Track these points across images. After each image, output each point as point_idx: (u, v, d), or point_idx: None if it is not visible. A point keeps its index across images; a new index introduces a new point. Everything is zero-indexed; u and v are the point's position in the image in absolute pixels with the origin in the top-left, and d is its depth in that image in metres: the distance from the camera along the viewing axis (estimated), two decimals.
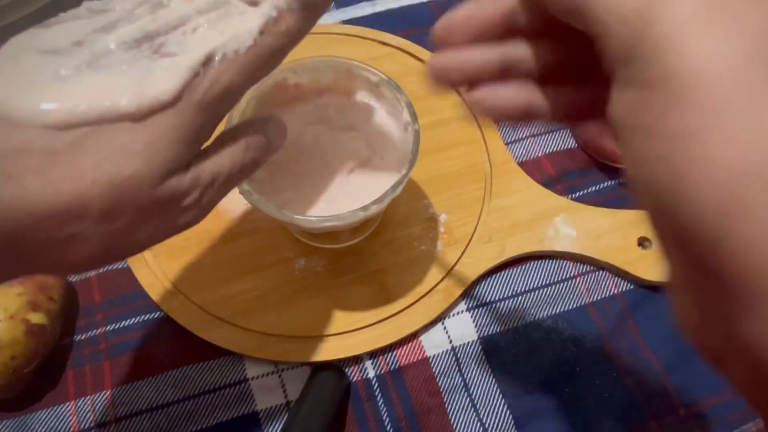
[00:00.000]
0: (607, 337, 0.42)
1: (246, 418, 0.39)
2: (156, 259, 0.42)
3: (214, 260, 0.42)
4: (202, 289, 0.41)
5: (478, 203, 0.45)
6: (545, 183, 0.47)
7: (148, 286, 0.41)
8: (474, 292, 0.43)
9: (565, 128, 0.49)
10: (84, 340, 0.41)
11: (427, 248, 0.43)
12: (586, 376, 0.40)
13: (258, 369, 0.40)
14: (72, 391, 0.39)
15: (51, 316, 0.38)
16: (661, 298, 0.43)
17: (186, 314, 0.41)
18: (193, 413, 0.39)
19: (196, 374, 0.40)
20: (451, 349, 0.41)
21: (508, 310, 0.43)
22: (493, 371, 0.41)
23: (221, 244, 0.43)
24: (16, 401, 0.38)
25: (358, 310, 0.41)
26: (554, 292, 0.43)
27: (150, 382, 0.39)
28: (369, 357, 0.41)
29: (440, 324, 0.42)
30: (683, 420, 0.39)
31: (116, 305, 0.42)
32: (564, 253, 0.44)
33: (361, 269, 0.43)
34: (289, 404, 0.39)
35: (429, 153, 0.47)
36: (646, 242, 0.44)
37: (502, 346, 0.41)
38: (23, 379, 0.37)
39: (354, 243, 0.43)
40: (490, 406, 0.40)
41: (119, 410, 0.39)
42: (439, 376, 0.40)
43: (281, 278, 0.42)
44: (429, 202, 0.45)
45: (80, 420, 0.38)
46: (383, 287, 0.42)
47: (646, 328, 0.42)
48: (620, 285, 0.44)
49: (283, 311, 0.41)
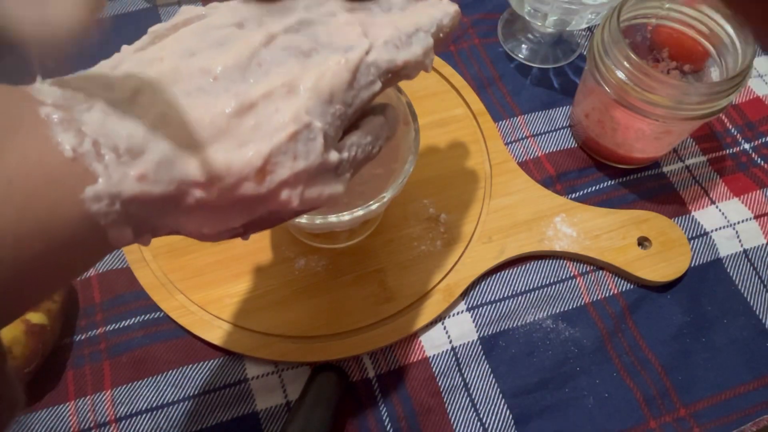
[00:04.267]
0: (607, 337, 0.42)
1: (246, 418, 0.39)
2: (156, 259, 0.42)
3: (215, 260, 0.42)
4: (202, 289, 0.41)
5: (478, 203, 0.45)
6: (545, 183, 0.47)
7: (148, 286, 0.41)
8: (474, 292, 0.43)
9: None
10: (84, 340, 0.41)
11: (427, 248, 0.43)
12: (586, 376, 0.41)
13: (258, 369, 0.40)
14: (72, 391, 0.39)
15: (51, 316, 0.38)
16: (661, 298, 0.43)
17: (186, 314, 0.41)
18: (193, 413, 0.39)
19: (196, 374, 0.40)
20: (451, 349, 0.41)
21: (508, 310, 0.43)
22: (493, 371, 0.41)
23: (221, 244, 0.43)
24: None
25: (358, 310, 0.41)
26: (554, 292, 0.43)
27: (150, 382, 0.40)
28: (369, 357, 0.41)
29: (440, 324, 0.42)
30: (683, 420, 0.39)
31: (116, 305, 0.42)
32: (564, 253, 0.44)
33: (361, 269, 0.43)
34: (289, 404, 0.39)
35: (429, 153, 0.47)
36: (646, 242, 0.44)
37: (502, 346, 0.41)
38: (23, 379, 0.37)
39: (354, 243, 0.43)
40: (490, 406, 0.40)
41: (119, 410, 0.39)
42: (439, 376, 0.40)
43: (281, 278, 0.42)
44: (429, 202, 0.45)
45: (80, 420, 0.38)
46: (383, 287, 0.42)
47: (646, 328, 0.42)
48: (620, 285, 0.44)
49: (283, 311, 0.41)
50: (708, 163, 0.49)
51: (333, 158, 0.23)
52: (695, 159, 0.49)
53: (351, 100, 0.24)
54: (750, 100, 0.52)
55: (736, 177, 0.48)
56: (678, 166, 0.49)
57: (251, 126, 0.21)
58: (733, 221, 0.46)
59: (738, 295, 0.44)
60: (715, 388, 0.40)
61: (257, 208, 0.23)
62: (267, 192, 0.22)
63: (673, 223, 0.45)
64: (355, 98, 0.24)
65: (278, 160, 0.22)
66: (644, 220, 0.45)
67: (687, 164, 0.49)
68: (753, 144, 0.50)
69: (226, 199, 0.21)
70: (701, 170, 0.48)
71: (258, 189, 0.22)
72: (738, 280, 0.44)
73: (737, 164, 0.49)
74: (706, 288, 0.44)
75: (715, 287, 0.44)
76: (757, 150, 0.50)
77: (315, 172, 0.23)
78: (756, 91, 0.53)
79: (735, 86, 0.38)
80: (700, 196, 0.47)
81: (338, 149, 0.24)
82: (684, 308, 0.43)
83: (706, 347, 0.42)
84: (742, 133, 0.51)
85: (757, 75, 0.54)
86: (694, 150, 0.49)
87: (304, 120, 0.22)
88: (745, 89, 0.53)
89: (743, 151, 0.50)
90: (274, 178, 0.22)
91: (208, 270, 0.42)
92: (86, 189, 0.19)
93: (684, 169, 0.48)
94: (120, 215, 0.20)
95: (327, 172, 0.24)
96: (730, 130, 0.51)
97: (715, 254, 0.45)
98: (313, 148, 0.22)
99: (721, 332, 0.42)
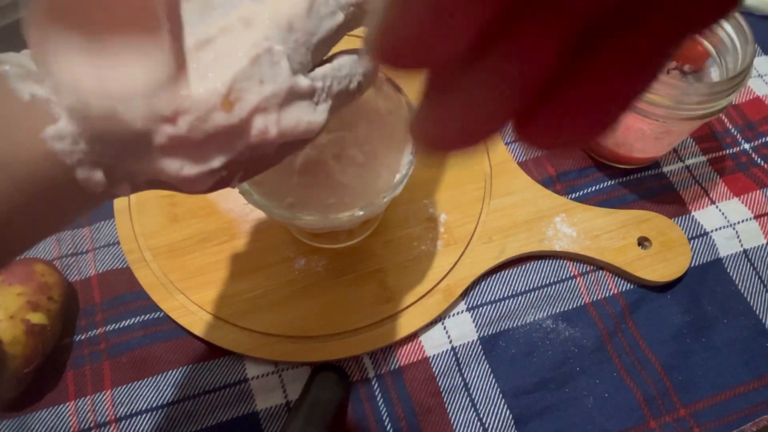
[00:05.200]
0: (607, 337, 0.42)
1: (246, 418, 0.39)
2: (156, 259, 0.42)
3: (214, 260, 0.42)
4: (202, 289, 0.41)
5: (478, 203, 0.45)
6: (545, 183, 0.47)
7: (148, 286, 0.41)
8: (474, 292, 0.43)
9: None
10: (84, 340, 0.41)
11: (427, 248, 0.43)
12: (586, 376, 0.41)
13: (258, 369, 0.40)
14: (72, 391, 0.39)
15: (51, 316, 0.38)
16: (661, 298, 0.43)
17: (186, 314, 0.41)
18: (193, 413, 0.39)
19: (196, 374, 0.40)
20: (451, 349, 0.41)
21: (508, 310, 0.43)
22: (493, 371, 0.41)
23: (221, 244, 0.43)
24: (16, 401, 0.38)
25: (358, 310, 0.41)
26: (554, 292, 0.43)
27: (150, 382, 0.40)
28: (369, 357, 0.41)
29: (440, 324, 0.42)
30: (683, 420, 0.39)
31: (116, 305, 0.42)
32: (563, 253, 0.44)
33: (361, 269, 0.43)
34: (289, 404, 0.39)
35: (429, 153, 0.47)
36: (645, 242, 0.44)
37: (502, 346, 0.41)
38: (23, 379, 0.37)
39: (354, 243, 0.43)
40: (490, 406, 0.40)
41: (119, 410, 0.39)
42: (439, 376, 0.40)
43: (281, 278, 0.42)
44: (429, 202, 0.45)
45: (80, 420, 0.38)
46: (383, 287, 0.42)
47: (646, 328, 0.42)
48: (620, 285, 0.44)
49: (283, 311, 0.41)
50: (708, 163, 0.49)
51: (303, 83, 0.23)
52: (695, 159, 0.49)
53: (313, 28, 0.24)
54: (750, 100, 0.52)
55: (736, 177, 0.48)
56: (678, 166, 0.49)
57: (212, 58, 0.21)
58: (733, 221, 0.46)
59: (738, 295, 0.44)
60: (715, 388, 0.40)
61: (235, 142, 0.22)
62: (239, 121, 0.22)
63: (673, 223, 0.45)
64: (317, 27, 0.24)
65: (243, 86, 0.22)
66: (644, 220, 0.45)
67: (687, 164, 0.49)
68: (753, 144, 0.50)
69: (199, 133, 0.21)
70: (701, 170, 0.48)
71: (229, 118, 0.21)
72: (738, 280, 0.44)
73: (737, 164, 0.49)
74: (706, 288, 0.44)
75: (715, 287, 0.44)
76: (757, 150, 0.50)
77: (286, 96, 0.23)
78: (756, 91, 0.53)
79: (735, 86, 0.38)
80: (700, 196, 0.47)
81: (310, 78, 0.24)
82: (684, 308, 0.43)
83: (706, 347, 0.42)
84: (742, 133, 0.51)
85: (757, 75, 0.54)
86: (694, 150, 0.49)
87: (264, 45, 0.22)
88: (745, 89, 0.53)
89: (743, 151, 0.50)
90: (243, 105, 0.22)
91: (208, 270, 0.42)
92: (47, 128, 0.20)
93: (684, 169, 0.48)
94: (87, 154, 0.20)
95: (301, 99, 0.23)
96: (730, 130, 0.51)
97: (715, 254, 0.45)
98: (279, 71, 0.22)
99: (721, 332, 0.42)
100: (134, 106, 0.20)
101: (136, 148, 0.21)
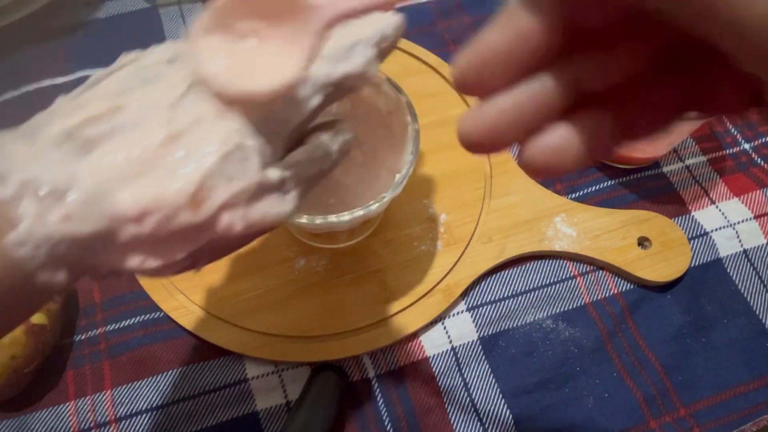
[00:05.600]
0: (607, 337, 0.42)
1: (246, 418, 0.39)
2: None
3: None
4: (202, 289, 0.41)
5: (478, 203, 0.45)
6: (545, 183, 0.47)
7: (148, 286, 0.41)
8: (474, 292, 0.43)
9: None
10: (84, 340, 0.41)
11: (427, 248, 0.43)
12: (586, 376, 0.41)
13: (258, 369, 0.40)
14: (72, 391, 0.39)
15: (51, 316, 0.38)
16: (661, 298, 0.43)
17: (186, 314, 0.41)
18: (193, 413, 0.39)
19: (196, 374, 0.40)
20: (451, 349, 0.41)
21: (508, 310, 0.43)
22: (493, 371, 0.41)
23: None
24: (16, 401, 0.38)
25: (358, 310, 0.41)
26: (554, 292, 0.43)
27: (150, 382, 0.40)
28: (369, 357, 0.41)
29: (440, 324, 0.42)
30: (683, 420, 0.39)
31: (116, 305, 0.42)
32: (563, 253, 0.44)
33: (361, 269, 0.43)
34: (289, 404, 0.39)
35: (429, 153, 0.47)
36: (646, 242, 0.44)
37: (502, 346, 0.41)
38: (23, 379, 0.37)
39: (354, 243, 0.43)
40: (490, 406, 0.40)
41: (119, 410, 0.39)
42: (439, 376, 0.40)
43: (281, 278, 0.42)
44: (429, 202, 0.45)
45: (80, 420, 0.38)
46: (383, 287, 0.42)
47: (646, 328, 0.42)
48: (620, 285, 0.44)
49: (283, 311, 0.41)
50: (708, 163, 0.49)
51: (273, 176, 0.22)
52: (695, 159, 0.49)
53: (290, 116, 0.23)
54: None
55: (736, 177, 0.48)
56: (678, 166, 0.49)
57: (181, 155, 0.21)
58: (733, 221, 0.46)
59: (738, 295, 0.44)
60: (715, 388, 0.40)
61: (198, 237, 0.22)
62: (205, 218, 0.21)
63: (673, 223, 0.45)
64: (294, 115, 0.24)
65: (212, 183, 0.21)
66: (644, 220, 0.45)
67: (687, 164, 0.49)
68: (753, 144, 0.50)
69: (163, 231, 0.21)
70: (701, 170, 0.48)
71: (195, 216, 0.21)
72: (738, 280, 0.44)
73: (737, 164, 0.49)
74: (706, 288, 0.44)
75: (715, 287, 0.44)
76: (757, 150, 0.50)
77: (255, 191, 0.22)
78: None
79: None
80: (700, 196, 0.47)
81: (282, 166, 0.23)
82: (684, 308, 0.43)
83: (706, 347, 0.42)
84: (742, 133, 0.51)
85: None
86: (694, 150, 0.49)
87: (234, 141, 0.21)
88: None
89: (743, 151, 0.50)
90: (210, 203, 0.21)
91: (207, 270, 0.42)
92: (9, 234, 0.19)
93: (684, 169, 0.48)
94: (49, 257, 0.20)
95: (270, 192, 0.23)
96: (730, 130, 0.51)
97: (715, 254, 0.45)
98: (249, 167, 0.22)
99: (721, 332, 0.42)
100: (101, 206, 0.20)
101: (98, 246, 0.20)
